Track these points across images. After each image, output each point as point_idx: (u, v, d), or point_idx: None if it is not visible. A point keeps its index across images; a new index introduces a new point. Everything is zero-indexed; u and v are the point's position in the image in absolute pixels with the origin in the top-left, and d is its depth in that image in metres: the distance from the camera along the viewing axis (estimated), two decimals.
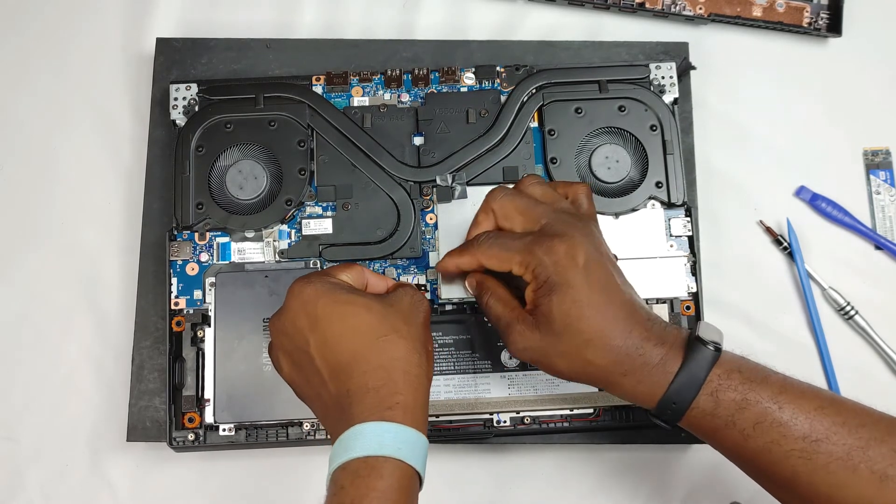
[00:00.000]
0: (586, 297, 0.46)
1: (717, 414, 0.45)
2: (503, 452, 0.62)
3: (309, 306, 0.47)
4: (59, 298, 0.64)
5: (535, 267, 0.47)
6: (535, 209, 0.49)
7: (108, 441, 0.62)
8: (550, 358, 0.47)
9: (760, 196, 0.65)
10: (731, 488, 0.61)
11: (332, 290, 0.47)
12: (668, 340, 0.46)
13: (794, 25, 0.67)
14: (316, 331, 0.46)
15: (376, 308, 0.47)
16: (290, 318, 0.47)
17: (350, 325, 0.46)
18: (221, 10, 0.68)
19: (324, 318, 0.46)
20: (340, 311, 0.47)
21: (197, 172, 0.61)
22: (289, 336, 0.48)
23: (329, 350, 0.46)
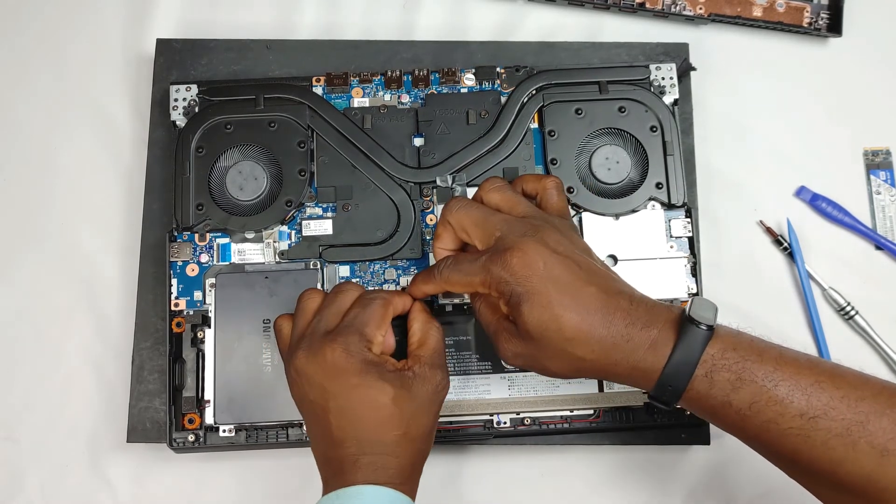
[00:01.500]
0: (554, 299, 0.46)
1: (713, 395, 0.45)
2: (503, 453, 0.62)
3: (339, 377, 0.48)
4: (59, 299, 0.64)
5: (496, 285, 0.47)
6: (490, 220, 0.50)
7: (108, 442, 0.62)
8: (540, 361, 0.48)
9: (760, 196, 0.66)
10: (731, 488, 0.61)
11: (366, 372, 0.48)
12: (658, 321, 0.46)
13: (795, 25, 0.67)
14: (338, 399, 0.48)
15: (402, 400, 0.48)
16: (318, 373, 0.48)
17: (376, 416, 0.48)
18: (221, 11, 0.68)
19: (353, 400, 0.48)
20: (368, 396, 0.48)
21: (197, 173, 0.61)
22: (311, 386, 0.49)
23: (347, 422, 0.48)
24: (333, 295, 0.52)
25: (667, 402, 0.47)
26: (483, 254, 0.48)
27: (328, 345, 0.48)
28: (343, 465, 0.47)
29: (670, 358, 0.45)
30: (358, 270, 0.60)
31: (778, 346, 0.47)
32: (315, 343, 0.49)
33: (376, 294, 0.52)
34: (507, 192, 0.52)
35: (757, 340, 0.47)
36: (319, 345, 0.49)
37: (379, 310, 0.51)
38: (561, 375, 0.49)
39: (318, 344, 0.49)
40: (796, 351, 0.47)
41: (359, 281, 0.60)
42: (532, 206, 0.51)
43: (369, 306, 0.51)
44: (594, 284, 0.47)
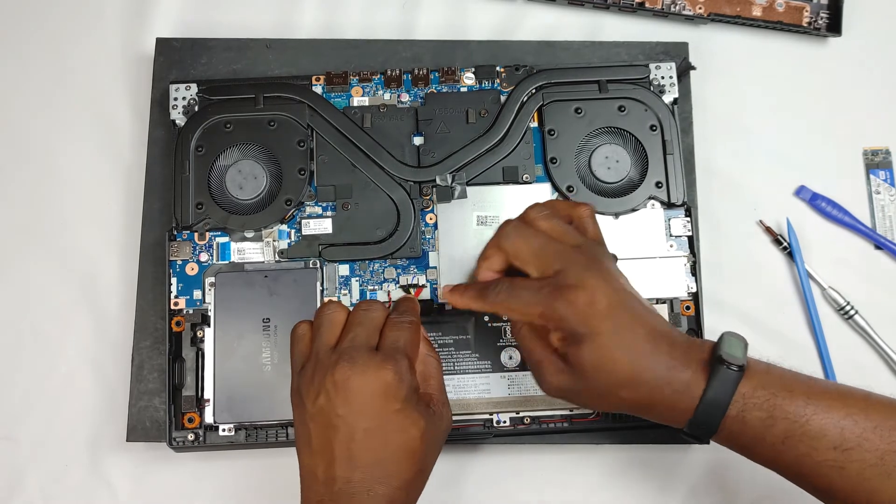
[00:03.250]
0: (614, 342, 0.45)
1: (746, 432, 0.45)
2: (503, 452, 0.62)
3: (385, 399, 0.46)
4: (58, 298, 0.64)
5: (557, 320, 0.46)
6: (548, 250, 0.48)
7: (108, 441, 0.62)
8: (582, 397, 0.48)
9: (760, 196, 0.65)
10: (731, 488, 0.61)
11: (410, 399, 0.47)
12: (692, 362, 0.46)
13: (794, 25, 0.67)
14: (375, 421, 0.46)
15: (429, 436, 0.47)
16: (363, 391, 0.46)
17: (405, 448, 0.47)
18: (221, 11, 0.68)
19: (389, 426, 0.46)
20: (404, 426, 0.47)
21: (197, 172, 0.61)
22: (348, 401, 0.46)
23: (375, 447, 0.46)
24: (363, 312, 0.50)
25: (701, 439, 0.47)
26: (544, 285, 0.47)
27: (382, 364, 0.46)
28: (352, 492, 0.46)
29: (702, 399, 0.45)
30: (357, 269, 0.60)
31: (807, 378, 0.47)
32: (361, 358, 0.47)
33: (405, 317, 0.50)
34: (555, 220, 0.50)
35: (787, 374, 0.47)
36: (368, 360, 0.46)
37: (417, 335, 0.50)
38: (597, 409, 0.49)
39: (367, 360, 0.46)
40: (825, 381, 0.47)
41: (358, 280, 0.60)
42: (580, 235, 0.50)
43: (409, 330, 0.49)
44: (644, 326, 0.46)
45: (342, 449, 0.46)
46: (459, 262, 0.60)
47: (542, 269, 0.48)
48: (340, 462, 0.46)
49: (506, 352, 0.59)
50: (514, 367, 0.58)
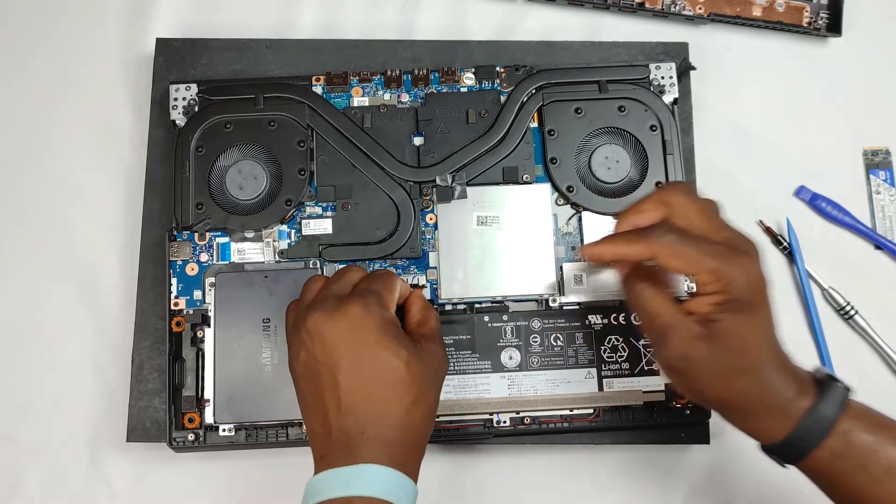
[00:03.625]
0: (767, 325, 0.45)
1: (848, 456, 0.44)
2: (503, 453, 0.62)
3: (357, 333, 0.46)
4: (58, 298, 0.64)
5: (729, 281, 0.44)
6: (716, 216, 0.47)
7: (108, 441, 0.62)
8: (702, 375, 0.45)
9: (760, 196, 0.65)
10: (730, 487, 0.61)
11: (385, 330, 0.47)
12: (800, 377, 0.45)
13: (794, 25, 0.67)
14: (353, 359, 0.46)
15: (414, 367, 0.47)
16: (334, 331, 0.47)
17: (388, 379, 0.46)
18: (221, 11, 0.68)
19: (367, 359, 0.46)
20: (383, 357, 0.46)
21: (197, 173, 0.61)
22: (324, 346, 0.47)
23: (359, 386, 0.46)
24: (339, 273, 0.51)
25: (791, 458, 0.45)
26: (720, 243, 0.45)
27: (346, 302, 0.47)
28: (348, 437, 0.46)
29: (810, 411, 0.44)
30: None
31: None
32: (331, 303, 0.47)
33: (383, 270, 0.53)
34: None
35: (884, 415, 0.46)
36: (336, 304, 0.47)
37: (390, 279, 0.50)
38: (701, 397, 0.46)
39: (335, 303, 0.47)
40: None
41: None
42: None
43: (380, 277, 0.50)
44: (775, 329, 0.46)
45: (331, 398, 0.46)
46: (460, 262, 0.60)
47: (710, 232, 0.46)
48: (332, 412, 0.46)
49: (506, 352, 0.59)
50: (514, 367, 0.58)
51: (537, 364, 0.58)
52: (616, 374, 0.58)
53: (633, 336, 0.59)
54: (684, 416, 0.58)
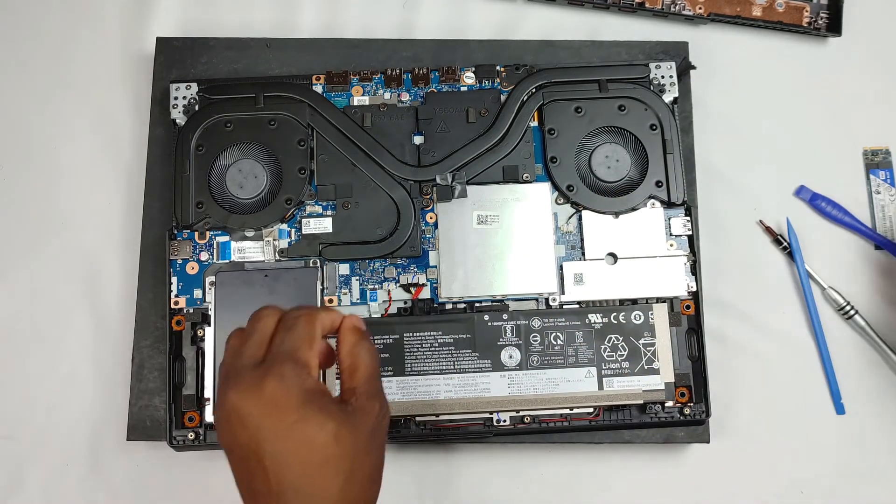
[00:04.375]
0: None
1: None
2: (503, 452, 0.62)
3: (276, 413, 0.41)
4: (59, 297, 0.64)
5: None
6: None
7: (108, 440, 0.62)
8: None
9: (760, 196, 0.66)
10: (730, 487, 0.61)
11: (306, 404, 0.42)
12: None
13: (794, 25, 0.67)
14: (275, 441, 0.41)
15: (345, 438, 0.42)
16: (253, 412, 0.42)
17: (316, 459, 0.42)
18: (221, 10, 0.68)
19: (290, 440, 0.41)
20: (307, 435, 0.41)
21: (197, 171, 0.61)
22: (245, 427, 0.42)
23: (285, 468, 0.42)
24: (252, 324, 0.46)
25: None
26: None
27: (261, 377, 0.42)
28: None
29: None
30: (358, 269, 0.60)
31: None
32: (245, 378, 0.42)
33: (299, 311, 0.45)
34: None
35: None
36: (251, 380, 0.42)
37: (306, 328, 0.45)
38: None
39: (249, 379, 0.42)
40: None
41: (359, 279, 0.60)
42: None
43: (294, 327, 0.44)
44: None
45: (260, 481, 0.42)
46: (460, 261, 0.60)
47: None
48: (263, 496, 0.42)
49: (506, 351, 0.59)
50: (514, 366, 0.58)
51: (537, 363, 0.58)
52: (616, 374, 0.58)
53: (633, 335, 0.59)
54: (684, 416, 0.58)
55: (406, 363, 0.58)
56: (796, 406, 0.62)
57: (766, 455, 0.62)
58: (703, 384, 0.58)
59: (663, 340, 0.59)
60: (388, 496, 0.61)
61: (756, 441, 0.62)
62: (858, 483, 0.61)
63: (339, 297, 0.60)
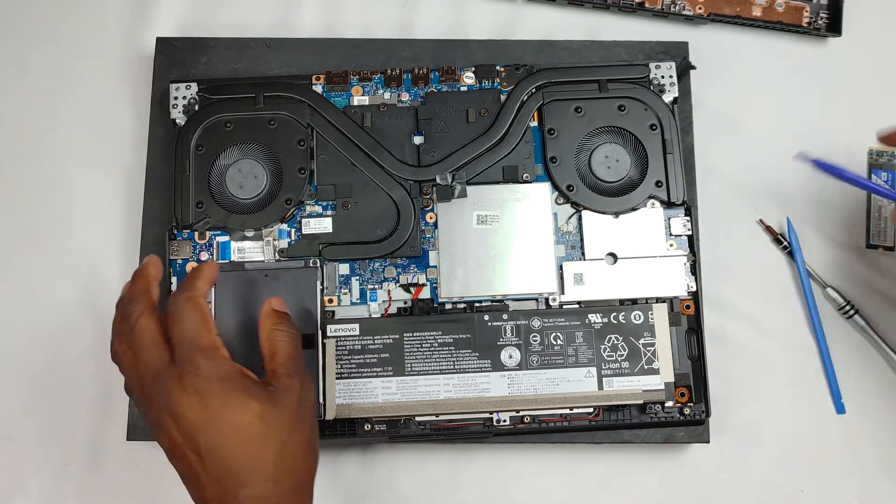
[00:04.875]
0: None
1: None
2: (503, 451, 0.62)
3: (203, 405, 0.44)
4: (58, 297, 0.64)
5: None
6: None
7: (108, 440, 0.62)
8: None
9: (760, 195, 0.65)
10: (730, 487, 0.61)
11: (227, 388, 0.44)
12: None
13: (794, 25, 0.67)
14: (208, 432, 0.44)
15: (270, 416, 0.45)
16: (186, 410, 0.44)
17: (245, 439, 0.44)
18: (221, 10, 0.68)
19: (219, 426, 0.44)
20: (234, 418, 0.44)
21: (197, 171, 0.61)
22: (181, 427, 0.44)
23: (220, 455, 0.44)
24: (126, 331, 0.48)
25: None
26: None
27: (180, 376, 0.44)
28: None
29: None
30: (357, 268, 0.60)
31: None
32: (164, 382, 0.45)
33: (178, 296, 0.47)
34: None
35: None
36: (171, 381, 0.44)
37: (195, 312, 0.47)
38: None
39: (169, 381, 0.44)
40: None
41: (359, 279, 0.60)
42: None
43: (184, 316, 0.46)
44: None
45: (200, 471, 0.44)
46: (460, 261, 0.60)
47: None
48: (205, 483, 0.44)
49: (506, 351, 0.59)
50: (514, 366, 0.58)
51: (537, 363, 0.58)
52: (616, 374, 0.58)
53: (633, 335, 0.59)
54: (684, 416, 0.58)
55: (406, 363, 0.58)
56: (796, 406, 0.62)
57: (766, 455, 0.62)
58: (702, 384, 0.58)
59: (663, 340, 0.59)
60: (389, 496, 0.61)
61: (756, 441, 0.62)
62: (858, 483, 0.61)
63: (339, 297, 0.60)
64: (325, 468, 0.61)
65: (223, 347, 0.47)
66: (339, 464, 0.61)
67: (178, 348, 0.46)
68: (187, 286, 0.49)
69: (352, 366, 0.58)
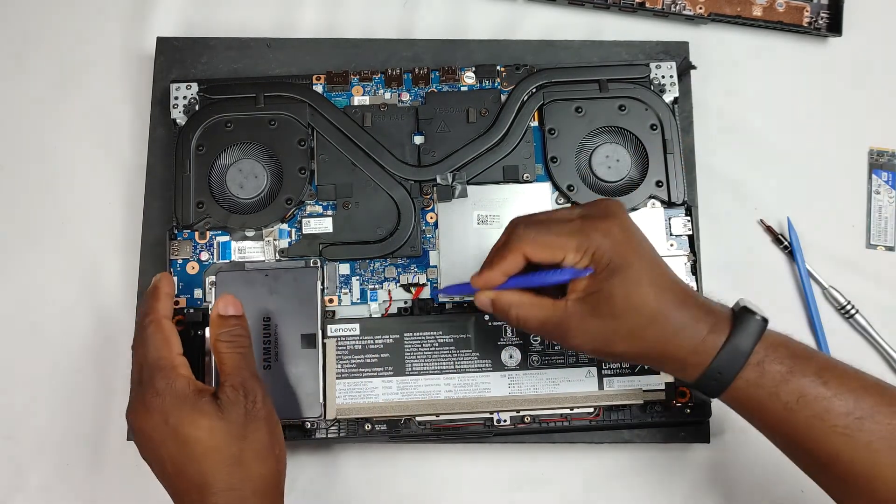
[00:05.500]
0: (646, 275, 0.46)
1: (762, 384, 0.45)
2: (503, 451, 0.62)
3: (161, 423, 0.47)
4: (59, 297, 0.64)
5: (594, 250, 0.46)
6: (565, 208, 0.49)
7: (109, 440, 0.62)
8: (612, 343, 0.47)
9: (760, 195, 0.65)
10: (731, 486, 0.61)
11: (178, 407, 0.47)
12: (714, 313, 0.46)
13: (795, 25, 0.67)
14: (167, 446, 0.47)
15: (219, 430, 0.47)
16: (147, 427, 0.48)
17: (199, 453, 0.47)
18: (222, 10, 0.68)
19: (175, 443, 0.47)
20: (185, 435, 0.47)
21: (197, 171, 0.61)
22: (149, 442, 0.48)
23: (182, 468, 0.47)
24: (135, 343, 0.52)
25: (712, 392, 0.47)
26: (575, 219, 0.47)
27: (142, 396, 0.48)
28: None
29: (725, 344, 0.45)
30: (358, 268, 0.60)
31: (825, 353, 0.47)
32: (133, 400, 0.49)
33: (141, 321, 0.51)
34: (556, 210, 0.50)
35: (805, 344, 0.47)
36: (136, 400, 0.49)
37: (155, 334, 0.50)
38: (625, 357, 0.49)
39: (135, 400, 0.49)
40: (842, 361, 0.47)
41: (359, 279, 0.60)
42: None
43: (146, 339, 0.50)
44: (667, 271, 0.47)
45: (168, 485, 0.49)
46: (460, 261, 0.60)
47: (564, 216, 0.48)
48: (174, 495, 0.48)
49: (506, 351, 0.59)
50: (514, 366, 0.58)
51: (537, 363, 0.58)
52: (616, 373, 0.58)
53: None
54: (684, 416, 0.58)
55: (406, 363, 0.58)
56: None
57: (766, 455, 0.62)
58: None
59: None
60: (389, 496, 0.61)
61: (756, 441, 0.62)
62: None
63: (339, 297, 0.60)
64: (325, 468, 0.61)
65: (182, 366, 0.50)
66: (339, 464, 0.61)
67: (143, 370, 0.49)
68: (147, 308, 0.52)
69: (352, 366, 0.58)
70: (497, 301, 0.49)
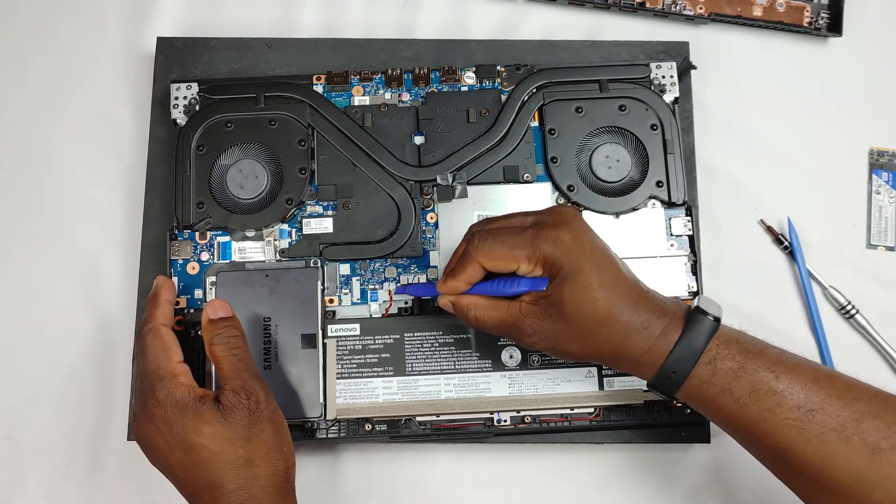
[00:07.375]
0: (596, 281, 0.47)
1: (714, 382, 0.47)
2: (503, 451, 0.62)
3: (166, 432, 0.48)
4: (59, 297, 0.64)
5: (545, 260, 0.48)
6: (518, 213, 0.51)
7: (109, 440, 0.62)
8: (564, 343, 0.49)
9: (761, 196, 0.66)
10: (731, 486, 0.61)
11: (180, 416, 0.48)
12: (669, 313, 0.48)
13: (795, 25, 0.67)
14: (175, 453, 0.48)
15: (220, 435, 0.48)
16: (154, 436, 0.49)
17: (204, 458, 0.48)
18: (222, 10, 0.68)
19: (181, 451, 0.48)
20: (189, 442, 0.48)
21: (197, 172, 0.61)
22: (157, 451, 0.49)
23: (192, 472, 0.48)
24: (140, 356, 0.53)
25: (667, 391, 0.48)
26: (527, 229, 0.49)
27: (145, 406, 0.49)
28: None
29: (677, 343, 0.47)
30: (358, 268, 0.60)
31: (778, 347, 0.48)
32: (138, 411, 0.50)
33: (141, 330, 0.53)
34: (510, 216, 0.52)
35: (758, 340, 0.49)
36: (141, 411, 0.49)
37: (154, 343, 0.51)
38: (578, 357, 0.50)
39: (140, 410, 0.50)
40: (795, 353, 0.48)
41: (359, 280, 0.60)
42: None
43: (145, 348, 0.51)
44: (625, 271, 0.49)
45: (181, 490, 0.49)
46: None
47: (518, 222, 0.50)
48: (193, 498, 0.49)
49: (506, 351, 0.59)
50: (514, 366, 0.58)
51: (538, 363, 0.58)
52: (616, 373, 0.58)
53: None
54: (685, 416, 0.58)
55: (406, 363, 0.58)
56: None
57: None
58: None
59: None
60: (389, 496, 0.61)
61: None
62: None
63: (339, 298, 0.60)
64: (325, 468, 0.61)
65: (182, 373, 0.51)
66: (339, 464, 0.61)
67: (144, 380, 0.50)
68: (146, 316, 0.53)
69: (352, 366, 0.58)
70: (457, 303, 0.52)
